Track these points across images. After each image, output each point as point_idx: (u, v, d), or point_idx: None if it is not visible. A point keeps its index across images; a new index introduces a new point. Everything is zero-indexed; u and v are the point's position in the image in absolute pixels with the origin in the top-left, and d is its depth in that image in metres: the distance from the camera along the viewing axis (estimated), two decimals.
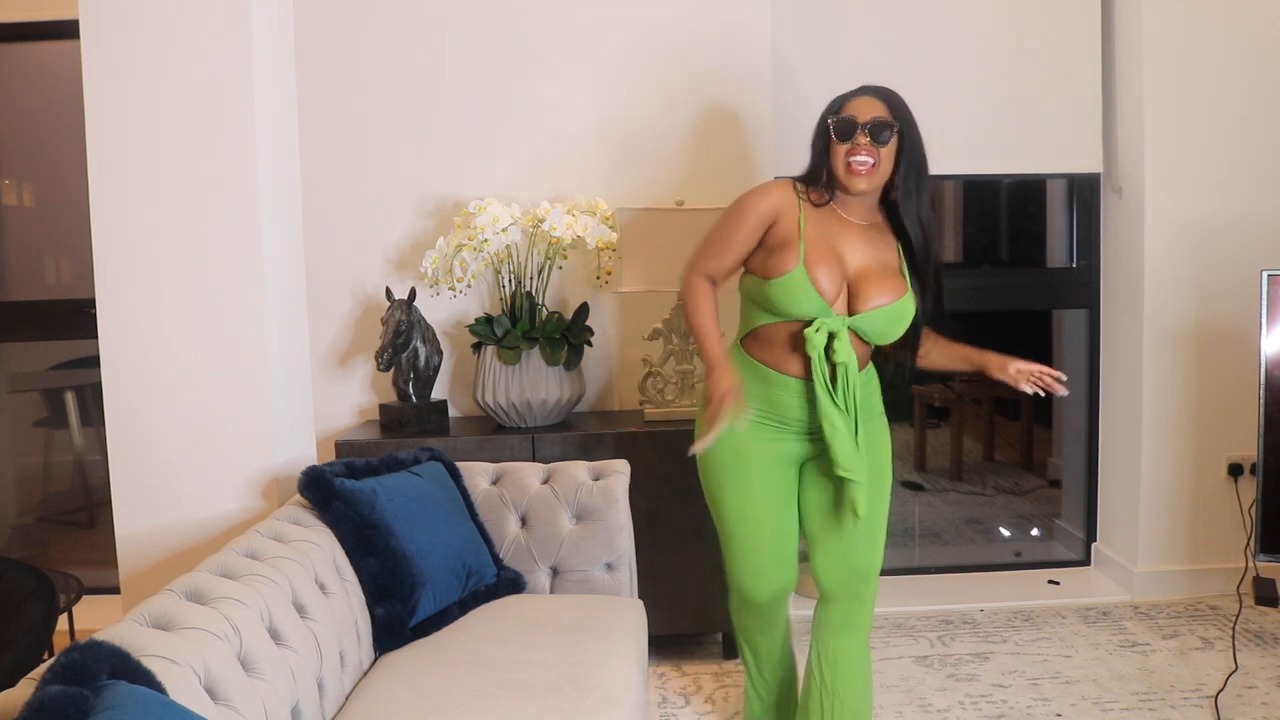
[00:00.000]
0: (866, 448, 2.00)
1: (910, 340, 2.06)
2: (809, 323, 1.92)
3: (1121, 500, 3.39)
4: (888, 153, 1.91)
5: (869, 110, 1.91)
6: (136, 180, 2.28)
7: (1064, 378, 2.02)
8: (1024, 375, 2.04)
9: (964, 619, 3.14)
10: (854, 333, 1.95)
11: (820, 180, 1.98)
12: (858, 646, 2.07)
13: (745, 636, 2.22)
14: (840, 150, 1.91)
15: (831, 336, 1.90)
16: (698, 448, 1.99)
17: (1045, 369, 2.03)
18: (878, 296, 1.93)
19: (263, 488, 2.36)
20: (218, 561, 1.65)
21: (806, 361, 1.93)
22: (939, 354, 2.15)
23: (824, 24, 3.23)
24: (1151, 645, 2.88)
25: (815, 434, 2.00)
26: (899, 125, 1.91)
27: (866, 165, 1.90)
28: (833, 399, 1.92)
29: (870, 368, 2.07)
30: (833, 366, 1.92)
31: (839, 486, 1.99)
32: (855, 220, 1.99)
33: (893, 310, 1.95)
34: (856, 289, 1.94)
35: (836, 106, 1.96)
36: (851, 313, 1.95)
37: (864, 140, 1.89)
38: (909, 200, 1.96)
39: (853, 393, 1.93)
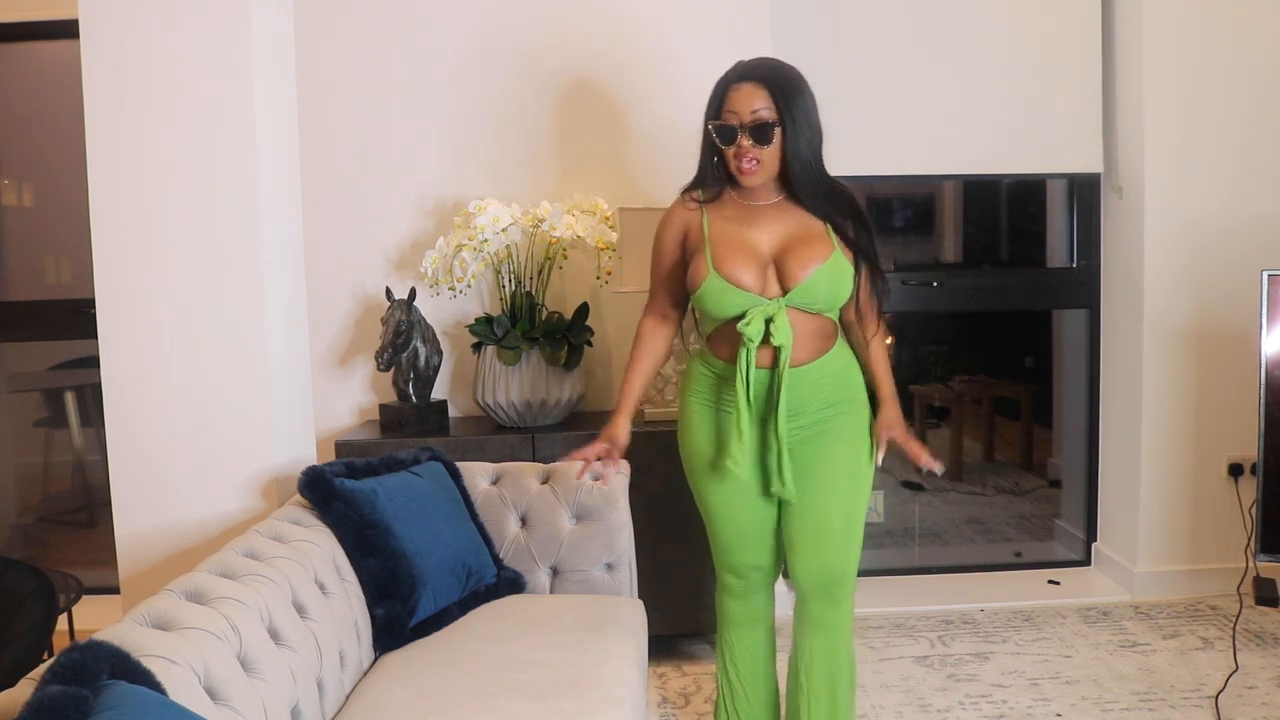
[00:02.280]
0: (836, 434, 1.97)
1: (867, 303, 2.00)
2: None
3: (1121, 500, 3.39)
4: (773, 150, 1.88)
5: (749, 103, 1.85)
6: (136, 180, 2.28)
7: (936, 467, 2.00)
8: (893, 445, 2.01)
9: (964, 619, 3.14)
10: (804, 311, 1.91)
11: (710, 175, 1.96)
12: (832, 645, 2.03)
13: (728, 638, 2.16)
14: (728, 152, 1.90)
15: (769, 321, 1.87)
16: (575, 470, 2.04)
17: (918, 453, 1.99)
18: (805, 265, 1.88)
19: (263, 488, 2.36)
20: (218, 561, 1.65)
21: (766, 351, 1.91)
22: (870, 363, 2.08)
23: (824, 25, 3.23)
24: (1152, 645, 2.88)
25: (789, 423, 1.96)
26: (779, 119, 1.86)
27: (753, 165, 1.88)
28: (747, 396, 1.90)
29: (844, 350, 2.02)
30: (774, 353, 1.89)
31: (814, 487, 1.97)
32: (763, 201, 1.95)
33: (826, 271, 1.89)
34: (782, 266, 1.90)
35: (717, 103, 1.90)
36: (786, 291, 1.90)
37: (746, 144, 1.87)
38: (805, 177, 1.90)
39: (783, 374, 1.88)
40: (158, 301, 2.30)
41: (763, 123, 1.85)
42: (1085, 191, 3.47)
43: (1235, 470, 3.24)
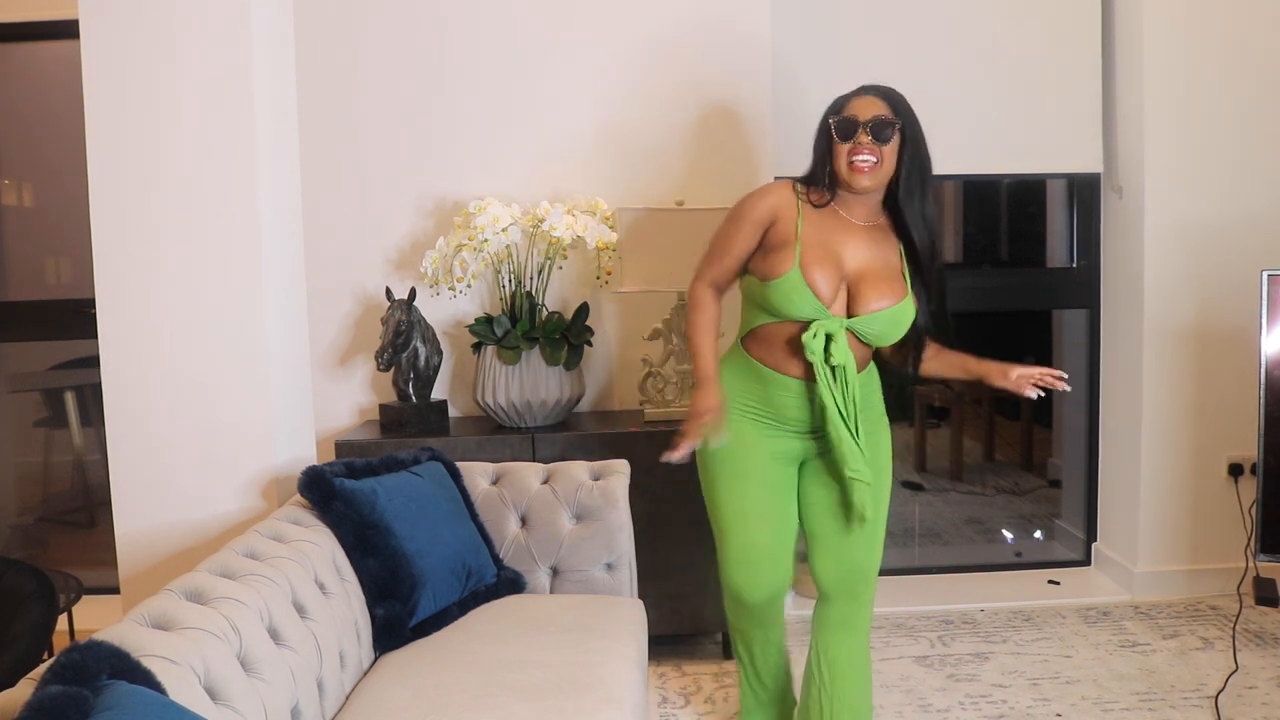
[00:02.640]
0: (866, 448, 2.00)
1: (913, 342, 2.04)
2: (808, 325, 1.92)
3: (1121, 500, 3.39)
4: (890, 151, 1.92)
5: (870, 109, 1.92)
6: (136, 180, 2.28)
7: (1065, 375, 2.00)
8: (1026, 380, 2.00)
9: (964, 619, 3.14)
10: (854, 335, 1.95)
11: (822, 181, 1.98)
12: (857, 646, 2.07)
13: (740, 636, 2.21)
14: (843, 149, 1.92)
15: (829, 338, 1.90)
16: (670, 457, 1.93)
17: (1046, 370, 2.00)
18: (877, 300, 1.93)
19: (263, 488, 2.36)
20: (218, 561, 1.65)
21: (805, 363, 1.93)
22: (938, 363, 2.12)
23: (824, 24, 3.23)
24: (1151, 645, 2.88)
25: (815, 433, 2.01)
26: (901, 124, 1.92)
27: (869, 163, 1.90)
28: (836, 404, 1.92)
29: (871, 368, 2.07)
30: (830, 369, 1.92)
31: (842, 486, 2.00)
32: (857, 221, 1.98)
33: (893, 314, 1.95)
34: (856, 290, 1.94)
35: (838, 106, 1.96)
36: (851, 314, 1.95)
37: (865, 139, 1.90)
38: (911, 199, 1.97)
39: (852, 395, 1.93)
40: (158, 301, 2.30)
41: (884, 121, 1.90)
42: (1085, 191, 3.47)
43: (1235, 470, 3.24)
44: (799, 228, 1.95)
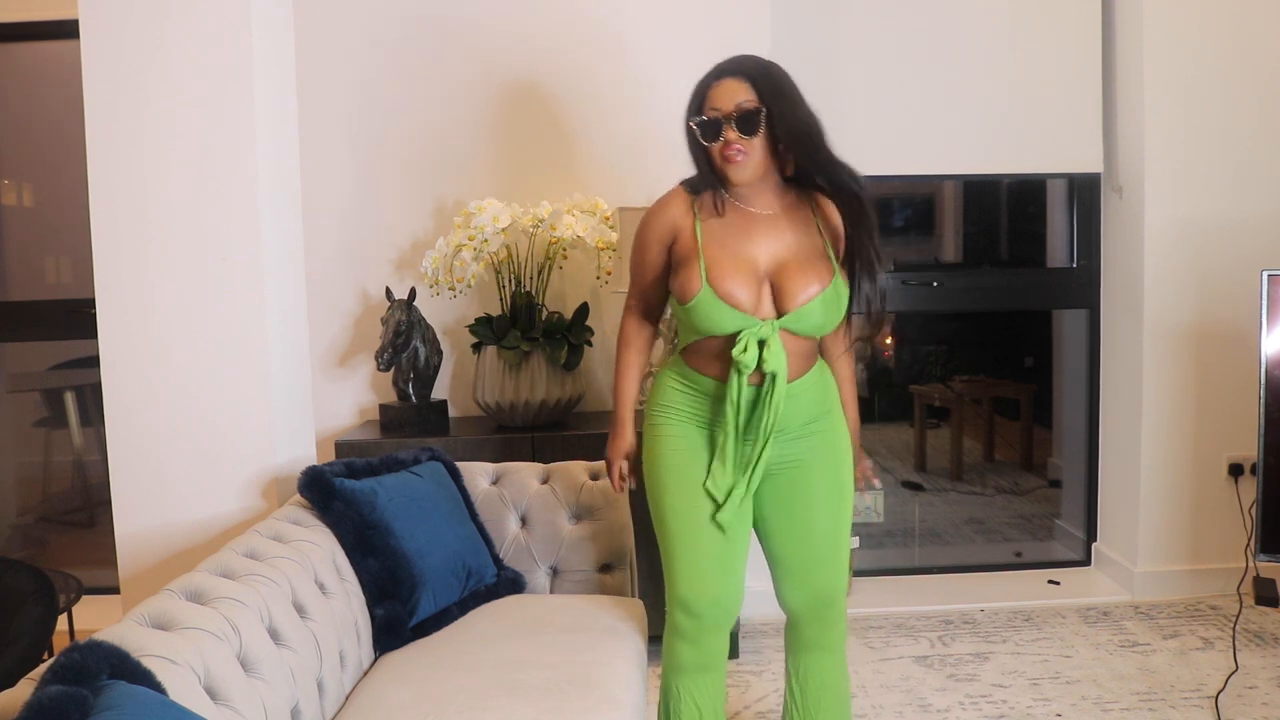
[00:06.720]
0: (818, 453, 1.91)
1: (866, 324, 1.92)
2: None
3: (1121, 500, 3.39)
4: (760, 140, 1.79)
5: (731, 97, 1.78)
6: (136, 180, 2.28)
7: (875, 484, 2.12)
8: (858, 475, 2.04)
9: (964, 619, 3.14)
10: (790, 331, 1.81)
11: (710, 181, 1.86)
12: (829, 665, 1.98)
13: (673, 687, 1.95)
14: (714, 149, 1.82)
15: (762, 345, 1.77)
16: (621, 490, 2.09)
17: (867, 470, 2.08)
18: (804, 289, 1.79)
19: (263, 488, 2.36)
20: (217, 561, 1.65)
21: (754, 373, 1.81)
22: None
23: (824, 24, 3.23)
24: (1152, 645, 2.88)
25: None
26: (765, 108, 1.77)
27: (742, 156, 1.79)
28: (735, 419, 1.82)
29: (824, 368, 1.95)
30: (762, 376, 1.79)
31: (798, 505, 1.90)
32: (762, 210, 1.85)
33: (825, 299, 1.80)
34: (779, 285, 1.80)
35: (698, 103, 1.83)
36: (781, 312, 1.80)
37: (733, 135, 1.78)
38: (815, 162, 1.82)
39: (777, 405, 1.80)
40: (158, 301, 2.30)
41: (748, 111, 1.77)
42: (1085, 191, 3.47)
43: (1235, 470, 3.24)
44: (699, 238, 1.82)
